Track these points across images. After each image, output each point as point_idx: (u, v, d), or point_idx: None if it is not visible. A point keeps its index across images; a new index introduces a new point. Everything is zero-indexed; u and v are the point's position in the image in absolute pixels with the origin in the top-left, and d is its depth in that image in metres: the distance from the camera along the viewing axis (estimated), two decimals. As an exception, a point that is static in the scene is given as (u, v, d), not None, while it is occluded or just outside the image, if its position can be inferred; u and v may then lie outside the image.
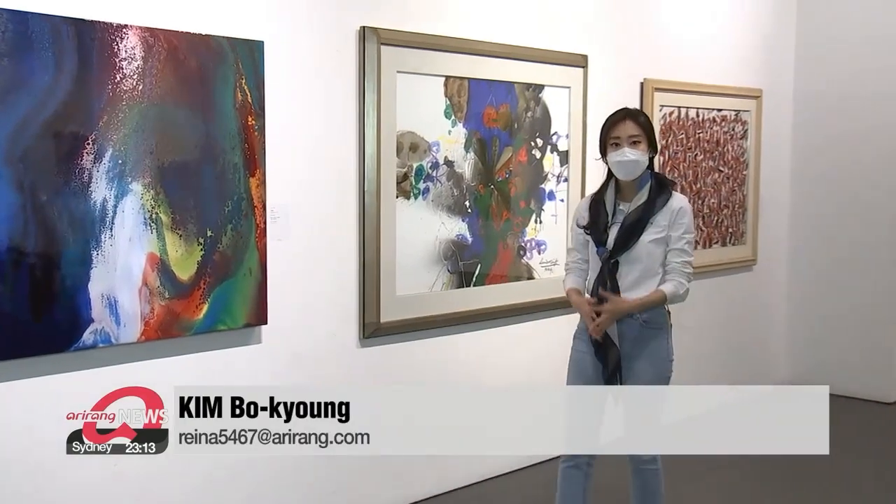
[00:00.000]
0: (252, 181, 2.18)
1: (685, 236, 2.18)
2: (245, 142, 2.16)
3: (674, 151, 3.49)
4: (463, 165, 2.71)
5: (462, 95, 2.67)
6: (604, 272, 2.17)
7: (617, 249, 2.16)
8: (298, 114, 2.33)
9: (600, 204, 2.22)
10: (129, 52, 1.97)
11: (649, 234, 2.16)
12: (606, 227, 2.19)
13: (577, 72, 3.02)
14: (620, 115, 2.20)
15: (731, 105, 3.68)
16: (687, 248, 2.18)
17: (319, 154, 2.38)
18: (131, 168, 1.98)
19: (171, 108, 2.03)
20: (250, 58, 2.16)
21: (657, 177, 2.23)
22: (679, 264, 2.17)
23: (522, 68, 2.84)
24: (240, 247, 2.17)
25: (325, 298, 2.43)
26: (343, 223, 2.45)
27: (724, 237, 3.76)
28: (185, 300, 2.08)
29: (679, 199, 2.21)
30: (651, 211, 2.15)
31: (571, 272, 2.30)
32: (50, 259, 1.88)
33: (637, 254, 2.15)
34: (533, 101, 2.88)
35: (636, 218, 2.16)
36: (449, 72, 2.64)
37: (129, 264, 1.99)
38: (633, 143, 2.15)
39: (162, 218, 2.03)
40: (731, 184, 3.76)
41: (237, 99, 2.14)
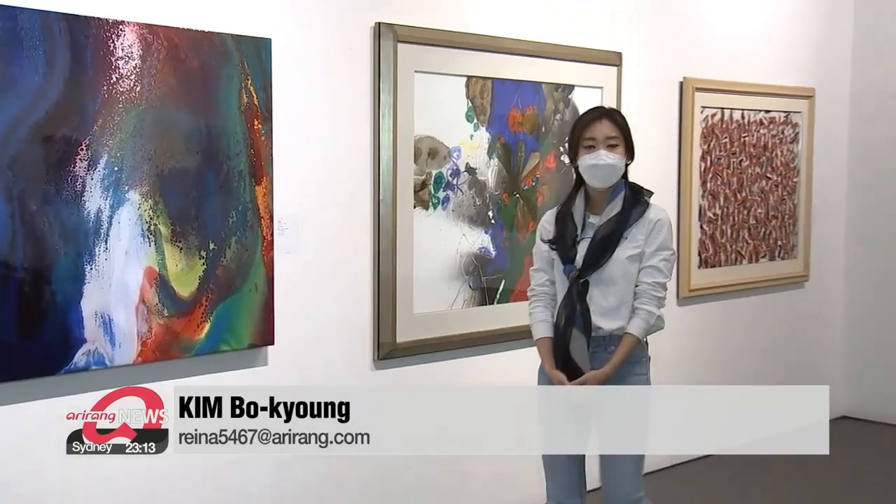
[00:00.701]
0: (258, 190, 2.16)
1: (661, 253, 2.04)
2: (251, 147, 2.15)
3: (716, 157, 3.41)
4: (486, 173, 2.68)
5: (485, 97, 2.65)
6: (572, 294, 2.02)
7: (587, 267, 2.03)
8: (308, 117, 2.31)
9: (568, 216, 2.10)
10: (126, 50, 1.95)
11: (625, 250, 2.03)
12: (575, 241, 2.06)
13: (611, 71, 2.98)
14: (596, 114, 2.10)
15: (780, 106, 3.60)
16: (662, 267, 2.04)
17: (331, 161, 2.37)
18: (128, 175, 1.97)
19: (171, 111, 2.02)
20: (257, 56, 2.15)
21: (632, 186, 2.11)
22: (649, 286, 2.03)
23: (551, 67, 2.80)
24: (245, 261, 2.15)
25: (337, 317, 2.41)
26: (356, 235, 2.43)
27: (772, 251, 3.67)
28: (185, 318, 2.06)
29: (657, 210, 2.10)
30: (625, 223, 2.04)
31: (538, 301, 2.13)
32: (39, 274, 1.86)
33: (610, 273, 2.03)
34: (562, 103, 2.84)
35: (609, 231, 2.03)
36: (471, 71, 2.62)
37: (125, 280, 1.97)
38: (610, 146, 2.05)
39: (161, 229, 2.02)
40: (780, 192, 3.68)
41: (242, 101, 2.13)
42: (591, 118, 2.09)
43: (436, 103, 2.54)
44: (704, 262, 3.38)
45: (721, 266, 3.44)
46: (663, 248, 2.06)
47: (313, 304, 2.35)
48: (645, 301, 2.03)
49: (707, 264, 3.39)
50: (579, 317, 2.01)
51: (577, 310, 2.01)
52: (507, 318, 2.74)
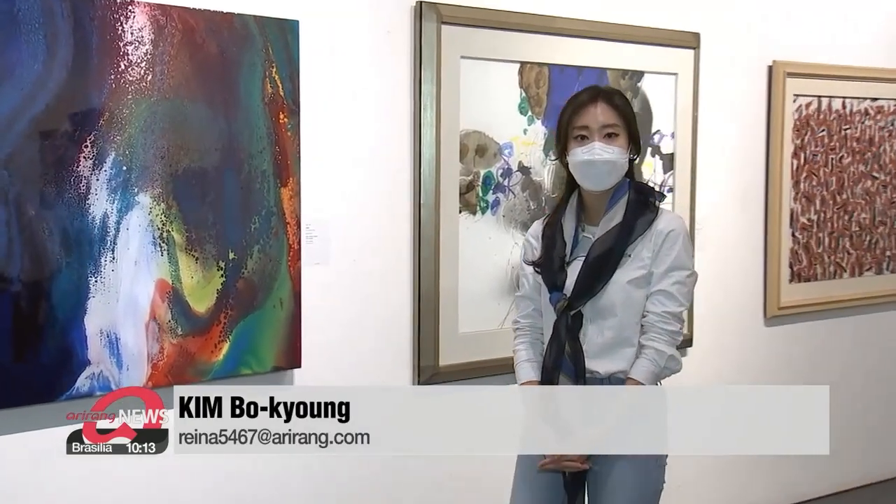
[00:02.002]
0: (284, 192, 2.14)
1: (674, 274, 1.79)
2: (276, 144, 2.13)
3: (812, 153, 3.28)
4: (542, 172, 2.64)
5: (541, 86, 2.60)
6: (560, 330, 1.80)
7: (579, 295, 1.79)
8: (340, 110, 2.29)
9: (556, 229, 1.87)
10: (135, 34, 1.94)
11: (627, 272, 1.79)
12: (564, 262, 1.83)
13: (687, 54, 2.90)
14: (588, 96, 1.84)
15: (889, 92, 3.44)
16: (675, 292, 1.79)
17: (365, 159, 2.34)
18: (138, 176, 1.96)
19: (186, 104, 2.01)
20: (282, 41, 2.12)
21: (638, 187, 1.88)
22: (658, 318, 1.78)
23: (617, 51, 2.74)
24: (268, 273, 2.13)
25: (372, 336, 2.38)
26: (394, 244, 2.40)
27: (878, 262, 3.52)
28: (201, 338, 2.04)
29: (669, 218, 1.85)
30: (628, 236, 1.80)
31: (523, 336, 1.93)
32: (38, 287, 1.85)
33: (609, 301, 1.79)
34: (630, 92, 2.77)
35: (607, 247, 1.80)
36: (525, 56, 2.56)
37: (133, 293, 1.96)
38: (608, 137, 1.81)
39: (174, 237, 2.00)
40: (889, 193, 3.53)
41: (266, 92, 2.11)
42: (583, 101, 1.84)
43: (485, 93, 2.50)
44: (797, 276, 3.25)
45: (817, 280, 3.31)
46: (677, 268, 1.80)
47: (345, 323, 2.32)
48: (653, 337, 1.78)
49: (800, 278, 3.26)
50: (568, 358, 1.79)
51: (567, 349, 1.79)
52: None
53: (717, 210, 3.00)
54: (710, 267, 2.94)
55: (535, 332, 1.93)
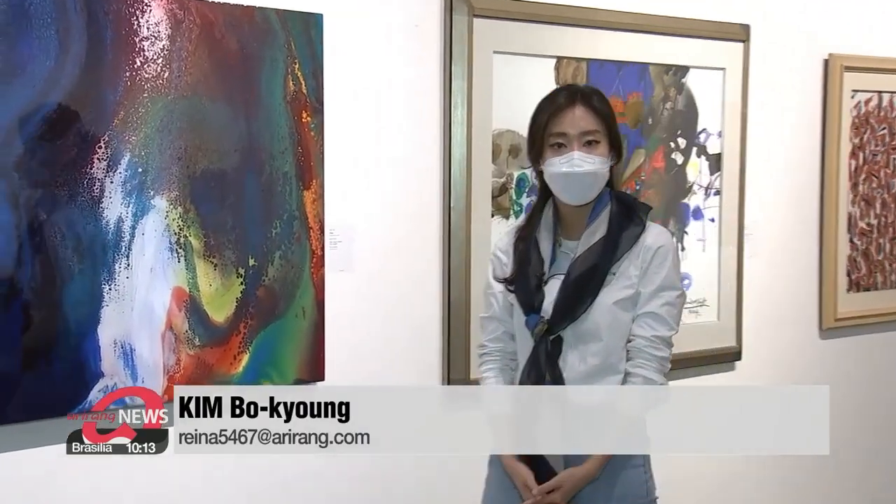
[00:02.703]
0: (306, 195, 2.13)
1: (663, 294, 1.71)
2: (298, 145, 2.12)
3: (871, 153, 3.21)
4: None
5: (579, 82, 2.56)
6: (538, 357, 1.72)
7: (559, 317, 1.71)
8: (366, 108, 2.27)
9: (529, 243, 1.78)
10: (151, 29, 1.93)
11: (613, 292, 1.71)
12: (541, 280, 1.74)
13: (736, 48, 2.85)
14: (566, 98, 1.75)
15: None
16: (665, 314, 1.71)
17: (392, 160, 2.32)
18: (154, 178, 1.95)
19: (204, 102, 2.00)
20: (305, 36, 2.11)
21: (620, 198, 1.79)
22: (647, 343, 1.70)
23: (660, 45, 2.70)
24: (290, 280, 2.12)
25: (399, 347, 2.35)
26: (423, 249, 2.38)
27: None
28: (220, 348, 2.03)
29: (656, 232, 1.76)
30: (613, 253, 1.72)
31: (491, 362, 1.84)
32: (49, 295, 1.84)
33: (592, 325, 1.71)
34: (674, 89, 2.75)
35: (590, 265, 1.71)
36: (562, 51, 2.53)
37: (149, 302, 1.95)
38: (588, 145, 1.72)
39: (192, 242, 2.00)
40: None
41: (288, 89, 2.09)
42: (560, 104, 1.75)
43: (519, 90, 2.45)
44: (855, 285, 3.18)
45: (877, 289, 3.23)
46: (667, 288, 1.72)
47: (370, 333, 2.30)
48: (641, 363, 1.70)
49: (859, 287, 3.19)
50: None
51: (546, 379, 1.70)
52: None
53: (767, 214, 2.95)
54: (761, 276, 2.88)
55: (505, 357, 1.84)
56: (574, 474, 1.70)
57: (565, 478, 1.70)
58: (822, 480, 3.11)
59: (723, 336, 2.82)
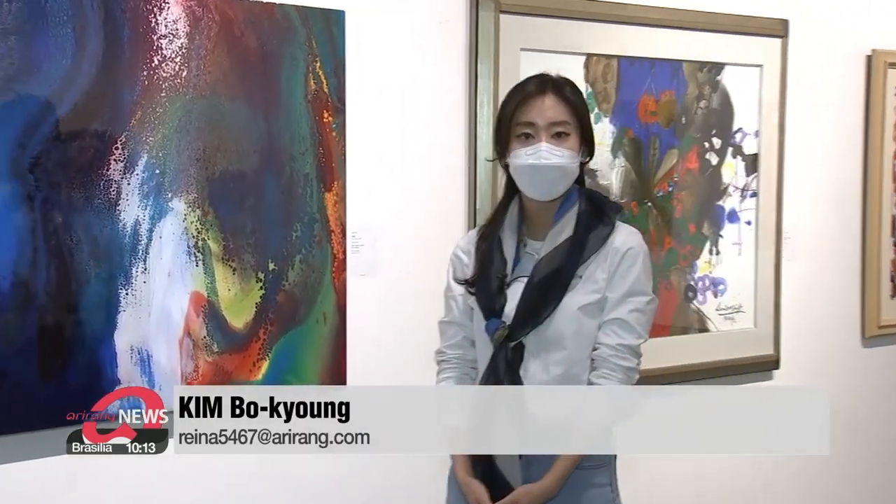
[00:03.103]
0: (328, 197, 2.13)
1: (632, 300, 1.65)
2: (319, 145, 2.12)
3: None
4: (609, 175, 2.59)
5: (609, 80, 2.54)
6: (498, 367, 1.65)
7: (521, 322, 1.65)
8: (389, 108, 2.26)
9: (492, 242, 1.72)
10: (170, 27, 1.93)
11: (578, 297, 1.65)
12: (503, 283, 1.68)
13: (773, 44, 2.82)
14: (536, 86, 1.68)
15: None
16: (632, 321, 1.64)
17: (416, 161, 2.30)
18: (172, 180, 1.95)
19: (223, 102, 2.00)
20: (327, 33, 2.10)
21: (590, 196, 1.73)
22: (613, 352, 1.63)
23: (694, 41, 2.68)
24: (311, 285, 2.11)
25: (425, 354, 2.23)
26: (448, 253, 2.27)
27: None
28: (239, 355, 2.03)
29: (626, 233, 1.70)
30: (580, 255, 1.65)
31: (449, 370, 1.78)
32: (64, 300, 1.85)
33: (556, 332, 1.64)
34: (708, 87, 2.72)
35: (555, 267, 1.65)
36: (592, 48, 2.51)
37: (167, 307, 1.95)
38: (557, 136, 1.65)
39: (210, 246, 1.99)
40: None
41: (309, 88, 2.09)
42: (530, 92, 1.68)
43: None
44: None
45: None
46: (636, 293, 1.65)
47: (394, 340, 2.27)
48: (606, 374, 1.63)
49: None
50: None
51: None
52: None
53: (807, 217, 2.90)
54: (801, 281, 2.84)
55: (465, 365, 1.78)
56: (531, 491, 1.61)
57: (521, 494, 1.62)
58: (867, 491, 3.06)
59: (760, 344, 2.78)
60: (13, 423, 1.79)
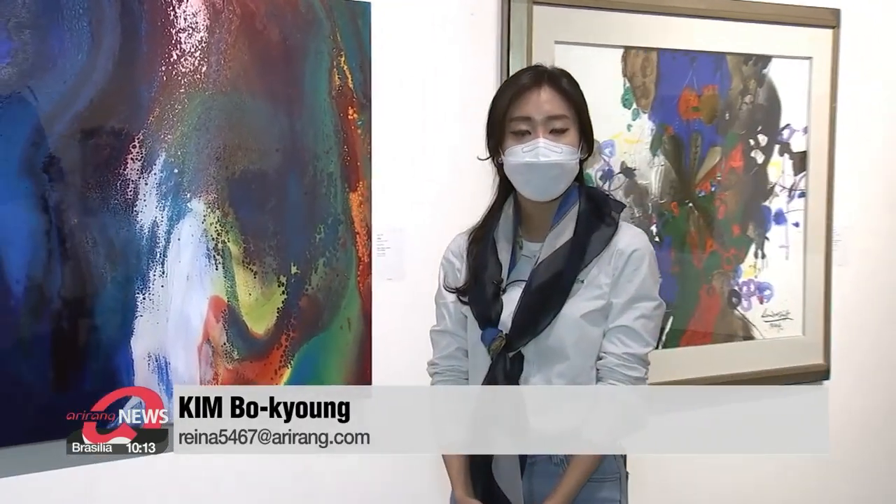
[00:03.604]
0: (353, 197, 2.13)
1: (639, 305, 1.59)
2: (344, 143, 2.12)
3: None
4: (648, 174, 2.57)
5: (648, 74, 2.52)
6: (496, 380, 1.60)
7: (520, 332, 1.59)
8: (417, 104, 2.25)
9: (486, 245, 1.66)
10: (189, 20, 1.93)
11: (580, 304, 1.59)
12: (499, 289, 1.62)
13: (824, 35, 2.78)
14: (530, 78, 1.62)
15: None
16: (640, 329, 1.59)
17: (445, 160, 2.28)
18: (190, 180, 1.95)
19: (244, 98, 2.00)
20: (352, 26, 2.10)
21: (590, 194, 1.67)
22: (620, 361, 1.58)
23: (739, 32, 2.65)
24: (335, 289, 2.11)
25: None
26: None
27: None
28: (260, 363, 2.03)
29: (630, 234, 1.63)
30: (581, 258, 1.59)
31: (443, 383, 1.74)
32: (80, 305, 1.85)
33: (557, 342, 1.59)
34: (754, 81, 2.69)
35: (555, 271, 1.58)
36: (630, 41, 2.49)
37: (185, 312, 1.95)
38: (555, 132, 1.59)
39: (230, 248, 1.99)
40: None
41: (334, 84, 2.08)
42: (525, 85, 1.61)
43: (582, 84, 2.33)
44: None
45: None
46: (642, 298, 1.59)
47: (421, 347, 2.15)
48: (613, 384, 1.59)
49: None
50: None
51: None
52: (676, 368, 2.59)
53: (859, 219, 2.86)
54: (852, 286, 2.79)
55: (459, 377, 1.72)
56: None
57: None
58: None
59: (808, 352, 2.74)
60: (27, 432, 1.79)
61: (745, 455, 2.76)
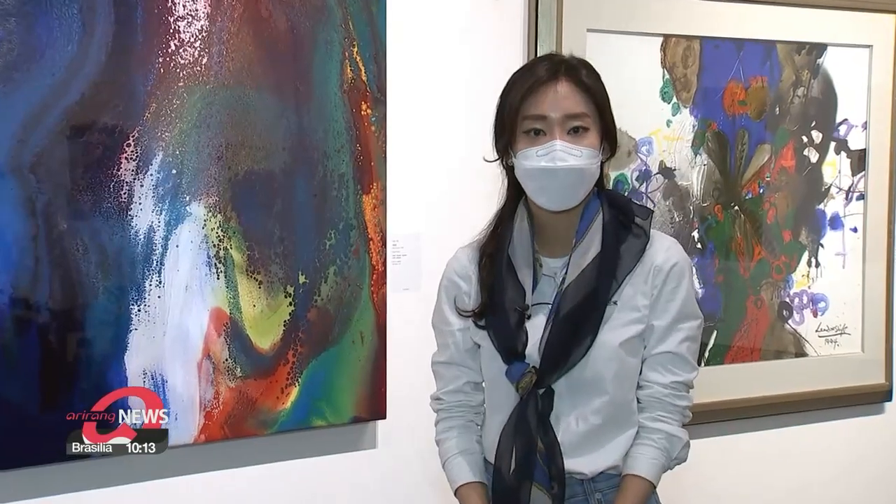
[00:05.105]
0: (366, 200, 2.14)
1: (683, 326, 1.54)
2: (357, 141, 2.13)
3: None
4: (689, 175, 2.59)
5: (690, 65, 2.53)
6: (527, 420, 1.52)
7: (551, 366, 1.51)
8: (436, 99, 2.26)
9: (501, 264, 1.57)
10: (188, 7, 1.95)
11: (618, 330, 1.52)
12: (524, 317, 1.54)
13: (886, 21, 2.80)
14: (546, 70, 1.54)
15: None
16: (686, 353, 1.54)
17: (466, 160, 2.26)
18: (190, 181, 1.97)
19: (248, 92, 2.01)
20: (366, 13, 2.12)
21: (612, 200, 1.60)
22: (668, 391, 1.53)
23: (790, 18, 2.66)
24: (347, 300, 2.12)
25: None
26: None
27: None
28: (265, 380, 2.04)
29: (665, 246, 1.57)
30: (613, 275, 1.52)
31: (451, 419, 1.66)
32: (70, 317, 1.87)
33: (594, 375, 1.52)
34: (807, 71, 2.71)
35: (586, 292, 1.51)
36: (670, 28, 2.51)
37: (184, 325, 1.97)
38: (574, 132, 1.51)
39: (233, 256, 2.00)
40: None
41: (346, 76, 2.10)
42: (540, 78, 1.53)
43: (617, 76, 2.38)
44: None
45: None
46: (685, 318, 1.54)
47: None
48: (662, 416, 1.53)
49: None
50: (541, 459, 1.50)
51: (538, 447, 1.51)
52: (722, 387, 2.61)
53: None
54: None
55: (469, 413, 1.66)
56: None
57: None
58: None
59: (868, 371, 2.74)
60: (12, 456, 1.79)
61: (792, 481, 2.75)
